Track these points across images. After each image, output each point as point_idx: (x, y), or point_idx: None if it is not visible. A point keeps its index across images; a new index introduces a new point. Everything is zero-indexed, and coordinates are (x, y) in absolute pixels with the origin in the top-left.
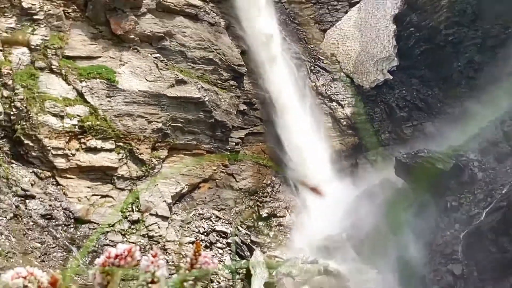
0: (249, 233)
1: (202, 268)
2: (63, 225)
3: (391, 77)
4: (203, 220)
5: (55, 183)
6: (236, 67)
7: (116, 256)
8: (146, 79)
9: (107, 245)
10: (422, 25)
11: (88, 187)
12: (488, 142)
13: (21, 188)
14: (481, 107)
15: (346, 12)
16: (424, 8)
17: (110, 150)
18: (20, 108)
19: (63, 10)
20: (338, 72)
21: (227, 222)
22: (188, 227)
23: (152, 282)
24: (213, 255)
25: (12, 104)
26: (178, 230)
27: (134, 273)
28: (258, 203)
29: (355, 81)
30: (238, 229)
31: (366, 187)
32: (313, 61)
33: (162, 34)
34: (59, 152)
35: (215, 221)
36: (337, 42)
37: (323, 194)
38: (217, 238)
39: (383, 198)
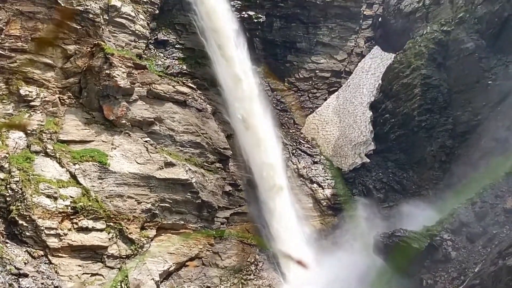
0: None
1: None
2: None
3: (368, 160)
4: None
5: (47, 262)
6: (222, 150)
7: None
8: (136, 162)
9: None
10: (397, 111)
11: (79, 266)
12: (461, 222)
13: (15, 266)
14: (453, 189)
15: (325, 99)
16: (398, 96)
17: (101, 230)
18: (16, 190)
19: (59, 97)
20: (319, 155)
21: None
22: None
23: None
24: None
25: (8, 186)
26: None
27: None
28: (242, 280)
29: (334, 164)
30: None
31: (346, 264)
32: (295, 144)
33: (152, 119)
34: (52, 232)
35: None
36: (317, 127)
37: (308, 266)
38: None
39: (362, 276)
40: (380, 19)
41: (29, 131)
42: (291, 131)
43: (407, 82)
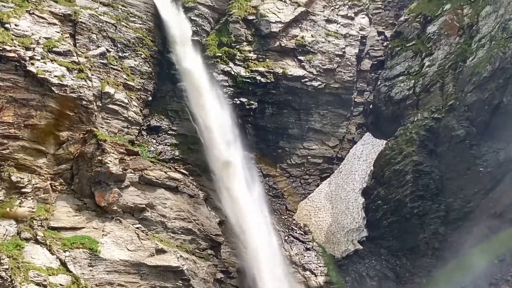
0: None
1: None
2: None
3: (361, 247)
4: None
5: None
6: (213, 236)
7: None
8: (127, 249)
9: None
10: (389, 198)
11: None
12: None
13: None
14: (446, 277)
15: (317, 186)
16: (390, 182)
17: None
18: (5, 278)
19: (50, 184)
20: (311, 241)
21: None
22: None
23: None
24: None
25: None
26: None
27: None
28: None
29: (327, 251)
30: None
31: None
32: (287, 231)
33: (144, 206)
34: None
35: None
36: (310, 213)
37: None
38: None
39: None
40: (371, 106)
41: (19, 218)
42: (283, 217)
43: (399, 169)
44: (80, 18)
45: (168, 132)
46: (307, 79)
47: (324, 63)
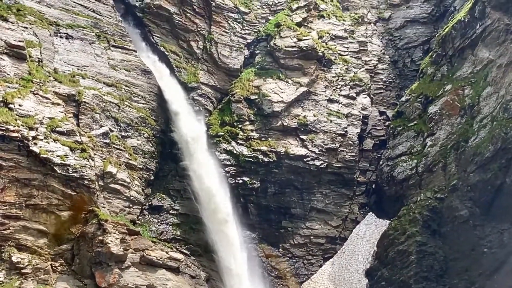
0: None
1: None
2: None
3: None
4: None
5: None
6: None
7: None
8: None
9: None
10: (393, 279)
11: None
12: None
13: None
14: None
15: (320, 266)
16: (394, 263)
17: None
18: None
19: (51, 264)
20: None
21: None
22: None
23: None
24: None
25: None
26: None
27: None
28: None
29: None
30: None
31: None
32: None
33: (145, 287)
34: None
35: None
36: None
37: None
38: None
39: None
40: (373, 186)
41: None
42: None
43: (403, 249)
44: (84, 98)
45: (170, 211)
46: (309, 158)
47: (327, 142)
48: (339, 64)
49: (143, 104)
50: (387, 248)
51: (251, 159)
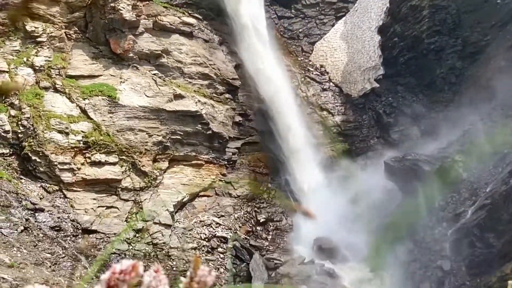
0: (248, 237)
1: (201, 282)
2: (72, 236)
3: (377, 85)
4: (204, 226)
5: (62, 196)
6: (230, 80)
7: (121, 271)
8: (145, 95)
9: (114, 253)
10: (405, 35)
11: (94, 199)
12: (471, 143)
13: (31, 202)
14: (463, 111)
15: (333, 25)
16: (406, 19)
17: (114, 164)
18: (27, 126)
19: (65, 32)
20: (328, 82)
21: (227, 228)
22: (190, 234)
23: None
24: (211, 269)
25: (19, 122)
26: (180, 237)
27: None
28: (255, 208)
29: (343, 91)
30: (238, 234)
31: (357, 190)
32: (303, 72)
33: (160, 52)
34: (65, 166)
35: (216, 227)
36: (326, 54)
37: (314, 217)
38: (218, 243)
39: (373, 200)
40: None
41: (37, 67)
42: (299, 59)
43: (415, 4)
44: None
45: None
46: None
47: None
48: None
49: None
50: (400, 3)
51: None
